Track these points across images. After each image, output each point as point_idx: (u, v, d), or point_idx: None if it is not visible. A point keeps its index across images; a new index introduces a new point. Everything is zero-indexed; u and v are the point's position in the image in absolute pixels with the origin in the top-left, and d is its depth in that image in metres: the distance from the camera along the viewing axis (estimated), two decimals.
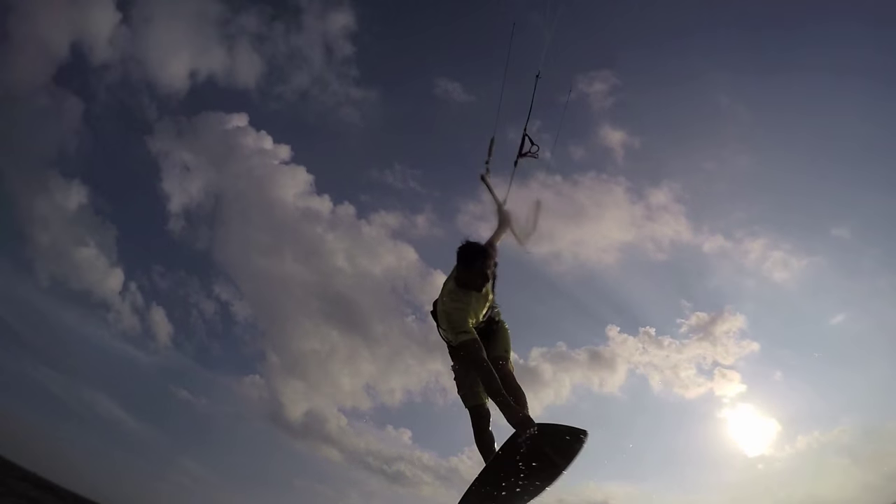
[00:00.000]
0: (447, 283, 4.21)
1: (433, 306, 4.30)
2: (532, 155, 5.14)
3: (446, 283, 4.21)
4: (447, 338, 4.23)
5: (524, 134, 5.16)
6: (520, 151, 5.14)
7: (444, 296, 4.12)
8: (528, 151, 5.14)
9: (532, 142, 5.13)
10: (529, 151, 5.13)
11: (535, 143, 5.12)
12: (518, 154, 5.14)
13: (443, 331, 4.22)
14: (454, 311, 3.99)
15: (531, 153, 5.13)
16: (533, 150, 5.11)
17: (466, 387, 4.30)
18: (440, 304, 4.13)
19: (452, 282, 4.13)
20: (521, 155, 5.13)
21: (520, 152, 5.14)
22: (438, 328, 4.28)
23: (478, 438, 4.19)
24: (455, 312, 3.98)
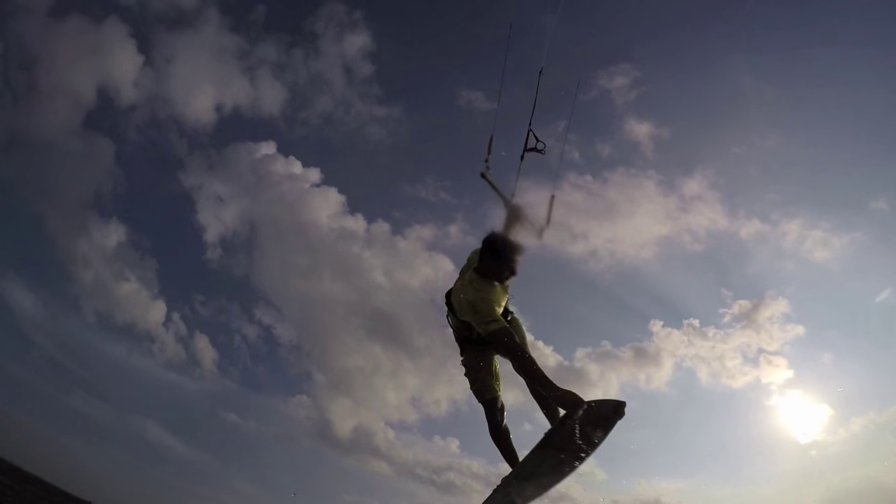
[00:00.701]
0: (465, 272, 4.13)
1: (447, 296, 4.23)
2: (539, 151, 4.98)
3: (464, 273, 4.14)
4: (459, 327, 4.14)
5: (529, 129, 5.06)
6: (525, 146, 5.01)
7: (466, 285, 3.99)
8: (535, 147, 4.97)
9: (538, 139, 5.00)
10: (535, 147, 4.97)
11: (539, 139, 5.00)
12: (524, 149, 4.99)
13: (455, 320, 4.14)
14: (481, 300, 3.85)
15: (538, 149, 4.97)
16: (539, 146, 4.97)
17: (480, 380, 4.20)
18: (461, 292, 4.00)
19: (472, 272, 4.03)
20: (527, 150, 4.99)
21: (525, 147, 5.00)
22: (450, 318, 4.23)
23: (494, 432, 4.15)
24: (482, 302, 3.84)
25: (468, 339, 4.19)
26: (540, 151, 4.93)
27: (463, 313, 3.97)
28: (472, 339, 4.14)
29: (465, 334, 4.18)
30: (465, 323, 4.03)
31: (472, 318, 3.89)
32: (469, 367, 4.24)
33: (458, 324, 4.15)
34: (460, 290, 4.02)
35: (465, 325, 4.07)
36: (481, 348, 4.15)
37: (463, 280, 4.08)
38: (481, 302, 3.82)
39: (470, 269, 4.12)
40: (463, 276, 4.14)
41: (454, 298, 4.10)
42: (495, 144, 4.79)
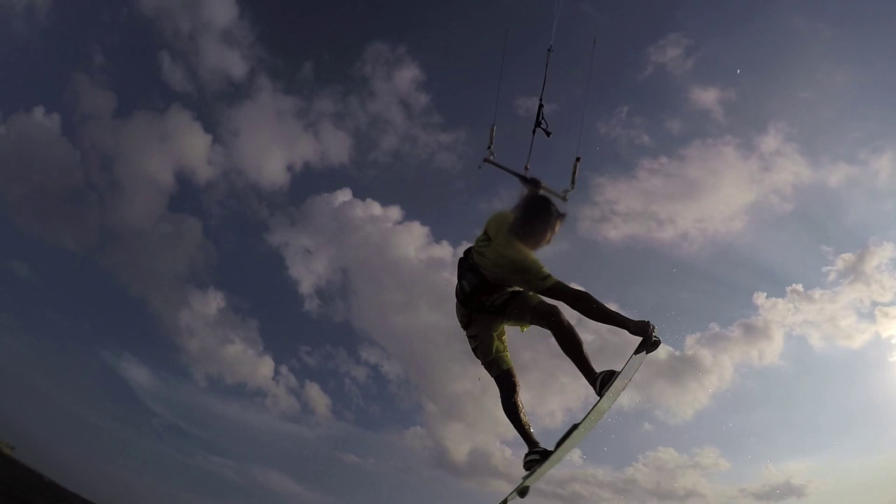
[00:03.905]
0: (499, 234, 3.83)
1: (465, 255, 3.99)
2: (545, 131, 5.09)
3: (499, 234, 3.83)
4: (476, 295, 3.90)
5: (540, 104, 5.24)
6: (537, 121, 5.13)
7: (500, 244, 3.75)
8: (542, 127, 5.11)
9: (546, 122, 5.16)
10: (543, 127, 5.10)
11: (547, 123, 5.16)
12: (535, 124, 5.12)
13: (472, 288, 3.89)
14: (525, 256, 3.66)
15: (543, 129, 5.08)
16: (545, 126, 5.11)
17: (490, 353, 4.04)
18: (499, 249, 3.73)
19: (508, 233, 3.79)
20: (538, 125, 5.12)
21: (537, 122, 5.13)
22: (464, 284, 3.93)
23: (509, 406, 3.97)
24: (527, 259, 3.65)
25: (480, 309, 4.00)
26: (546, 132, 5.02)
27: (503, 270, 3.75)
28: (485, 309, 3.98)
29: (478, 303, 3.97)
30: (484, 290, 3.87)
31: (520, 280, 3.74)
32: (480, 339, 4.08)
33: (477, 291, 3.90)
34: (498, 254, 3.75)
35: (484, 292, 3.88)
36: (490, 319, 4.02)
37: (496, 243, 3.81)
38: (526, 258, 3.67)
39: (501, 231, 3.85)
40: (494, 240, 3.85)
41: (483, 262, 3.83)
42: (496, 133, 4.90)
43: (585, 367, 3.70)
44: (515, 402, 3.96)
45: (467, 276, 3.93)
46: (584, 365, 3.70)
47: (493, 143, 5.01)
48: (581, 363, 3.71)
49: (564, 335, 3.72)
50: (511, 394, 3.97)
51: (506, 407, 3.99)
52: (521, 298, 3.96)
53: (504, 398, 3.99)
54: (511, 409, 3.96)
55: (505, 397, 3.99)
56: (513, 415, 3.95)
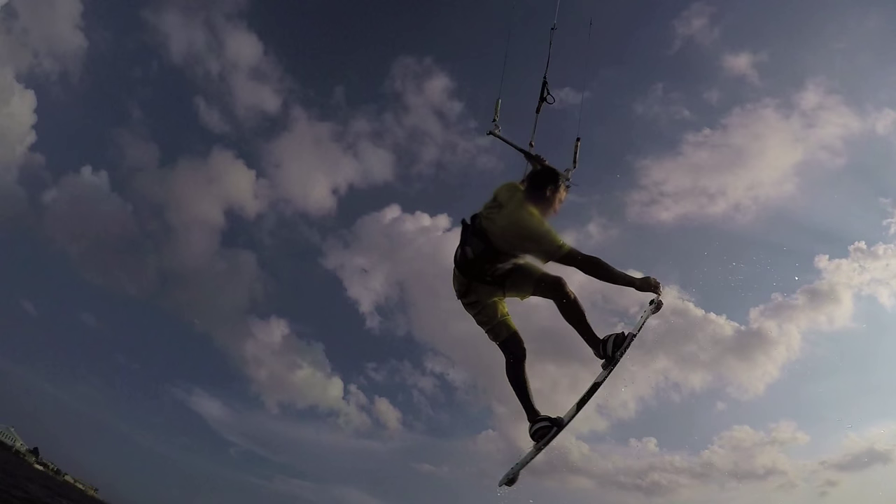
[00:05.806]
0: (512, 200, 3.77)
1: (471, 220, 3.89)
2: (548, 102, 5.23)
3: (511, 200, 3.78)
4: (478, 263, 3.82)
5: (544, 80, 5.29)
6: (541, 97, 5.19)
7: (514, 209, 3.70)
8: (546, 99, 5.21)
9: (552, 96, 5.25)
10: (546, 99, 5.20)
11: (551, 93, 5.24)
12: (540, 99, 5.19)
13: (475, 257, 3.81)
14: (540, 223, 3.63)
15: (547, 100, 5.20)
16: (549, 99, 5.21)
17: (496, 317, 3.97)
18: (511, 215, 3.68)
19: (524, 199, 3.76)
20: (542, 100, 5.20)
21: (542, 97, 5.19)
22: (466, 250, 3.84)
23: (515, 373, 3.90)
24: (542, 225, 3.63)
25: (480, 278, 3.90)
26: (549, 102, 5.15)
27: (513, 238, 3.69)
28: (485, 279, 3.90)
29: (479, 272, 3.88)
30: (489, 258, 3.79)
31: (533, 246, 3.67)
32: (482, 304, 3.97)
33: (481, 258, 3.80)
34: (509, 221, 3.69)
35: (488, 259, 3.80)
36: (490, 290, 3.95)
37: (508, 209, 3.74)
38: (540, 224, 3.64)
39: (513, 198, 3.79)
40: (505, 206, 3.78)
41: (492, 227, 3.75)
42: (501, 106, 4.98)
43: (589, 334, 3.80)
44: (524, 368, 3.89)
45: (472, 241, 3.83)
46: (588, 332, 3.80)
47: (498, 115, 5.06)
48: (585, 331, 3.81)
49: (570, 305, 3.78)
50: (520, 358, 3.90)
51: (514, 373, 3.90)
52: (524, 269, 3.94)
53: (513, 364, 3.89)
54: (518, 376, 3.88)
55: (513, 363, 3.89)
56: (519, 381, 3.87)
